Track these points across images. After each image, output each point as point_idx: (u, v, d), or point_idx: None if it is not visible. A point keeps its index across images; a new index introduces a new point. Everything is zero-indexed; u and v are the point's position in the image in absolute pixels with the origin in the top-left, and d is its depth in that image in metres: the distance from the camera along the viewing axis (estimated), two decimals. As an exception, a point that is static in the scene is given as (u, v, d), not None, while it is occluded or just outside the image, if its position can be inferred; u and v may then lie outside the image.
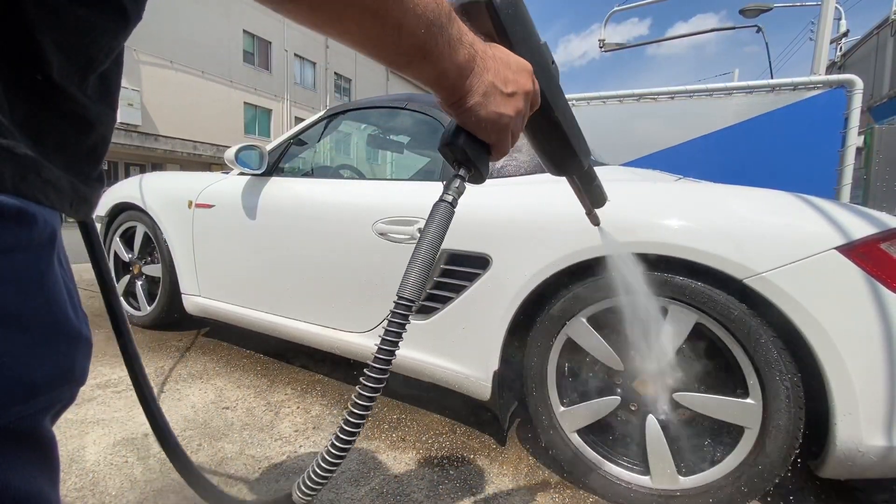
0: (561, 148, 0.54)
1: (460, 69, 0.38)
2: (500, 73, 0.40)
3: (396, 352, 0.40)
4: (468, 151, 0.43)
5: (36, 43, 0.23)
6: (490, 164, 0.46)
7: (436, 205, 0.42)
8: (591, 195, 0.65)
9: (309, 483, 0.41)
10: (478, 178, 0.45)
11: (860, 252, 0.98)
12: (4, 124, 0.23)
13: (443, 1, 0.35)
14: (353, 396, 0.40)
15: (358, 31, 0.33)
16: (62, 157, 0.27)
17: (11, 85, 0.23)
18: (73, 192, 0.28)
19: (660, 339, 1.12)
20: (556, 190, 1.36)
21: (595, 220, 0.72)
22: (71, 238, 0.45)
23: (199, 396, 1.70)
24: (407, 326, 0.40)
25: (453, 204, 0.42)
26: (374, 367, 0.39)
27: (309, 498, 0.42)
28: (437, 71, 0.37)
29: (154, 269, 2.28)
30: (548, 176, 1.47)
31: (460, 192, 0.43)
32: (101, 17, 0.27)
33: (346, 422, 0.40)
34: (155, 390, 1.72)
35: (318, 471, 0.41)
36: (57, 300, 0.26)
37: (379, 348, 0.40)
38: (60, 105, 0.26)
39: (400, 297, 0.40)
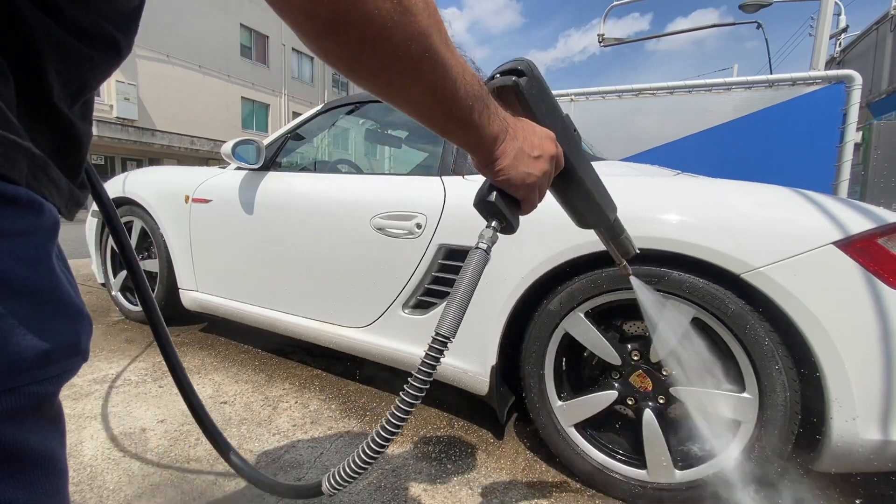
0: (586, 204, 0.60)
1: (495, 137, 0.45)
2: (528, 140, 0.48)
3: (431, 378, 0.45)
4: (500, 206, 0.49)
5: (43, 71, 0.28)
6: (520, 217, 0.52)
7: (472, 251, 0.48)
8: (620, 246, 0.69)
9: (339, 478, 0.48)
10: (509, 229, 0.51)
11: (857, 247, 0.98)
12: (20, 130, 0.26)
13: (482, 83, 0.43)
14: (391, 407, 0.45)
15: (419, 102, 0.40)
16: (57, 165, 0.31)
17: (21, 102, 0.28)
18: (70, 194, 0.33)
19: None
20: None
21: (625, 271, 0.74)
22: (72, 234, 0.45)
23: (196, 391, 1.70)
24: (441, 360, 0.45)
25: (488, 251, 0.48)
26: (412, 389, 0.45)
27: (338, 489, 0.49)
28: (476, 138, 0.45)
29: (151, 265, 2.27)
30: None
31: (493, 241, 0.49)
32: (99, 52, 0.32)
33: (384, 427, 0.45)
34: (153, 385, 1.72)
35: (349, 469, 0.47)
36: (61, 281, 0.29)
37: (414, 376, 0.45)
38: (54, 121, 0.31)
39: (437, 334, 0.44)
